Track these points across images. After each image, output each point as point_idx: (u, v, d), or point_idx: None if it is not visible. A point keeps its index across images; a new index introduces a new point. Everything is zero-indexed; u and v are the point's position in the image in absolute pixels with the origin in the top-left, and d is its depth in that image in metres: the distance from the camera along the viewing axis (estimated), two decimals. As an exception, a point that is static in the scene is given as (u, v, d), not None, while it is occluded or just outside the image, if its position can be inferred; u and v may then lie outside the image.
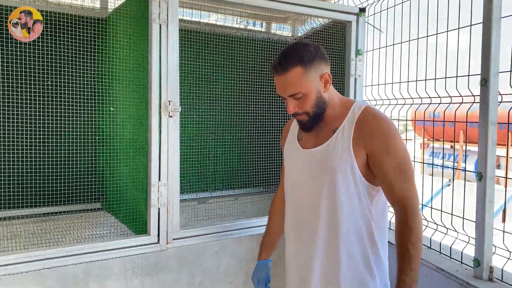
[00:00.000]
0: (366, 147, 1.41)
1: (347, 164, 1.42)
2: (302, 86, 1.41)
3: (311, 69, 1.41)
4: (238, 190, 2.80)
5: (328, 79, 1.46)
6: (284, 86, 1.43)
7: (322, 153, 1.47)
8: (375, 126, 1.41)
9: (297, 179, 1.57)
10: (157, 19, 1.84)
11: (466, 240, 1.97)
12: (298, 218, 1.56)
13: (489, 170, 1.74)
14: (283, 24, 3.11)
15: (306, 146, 1.55)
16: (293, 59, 1.40)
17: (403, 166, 1.39)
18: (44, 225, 2.09)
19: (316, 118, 1.49)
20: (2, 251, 1.70)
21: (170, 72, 1.88)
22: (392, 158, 1.38)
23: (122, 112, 2.15)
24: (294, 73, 1.40)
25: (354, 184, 1.43)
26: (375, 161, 1.41)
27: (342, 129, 1.45)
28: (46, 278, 2.33)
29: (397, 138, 1.41)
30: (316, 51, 1.44)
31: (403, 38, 2.27)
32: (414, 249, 1.33)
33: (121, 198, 2.16)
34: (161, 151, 1.89)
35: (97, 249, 1.77)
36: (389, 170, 1.38)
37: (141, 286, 2.62)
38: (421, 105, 2.24)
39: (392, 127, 1.42)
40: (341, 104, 1.52)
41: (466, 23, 1.90)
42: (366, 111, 1.45)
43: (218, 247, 2.84)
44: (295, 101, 1.45)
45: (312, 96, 1.43)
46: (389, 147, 1.39)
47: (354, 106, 1.49)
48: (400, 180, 1.38)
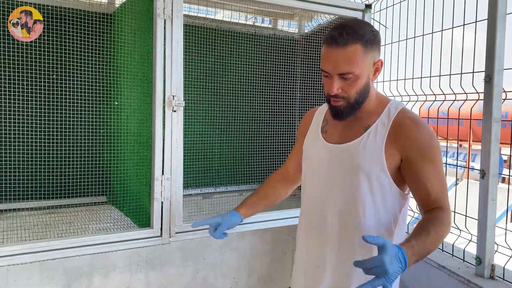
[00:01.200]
0: (402, 152, 1.30)
1: (376, 168, 1.31)
2: (358, 67, 1.27)
3: (370, 51, 1.29)
4: (243, 185, 2.81)
5: (379, 67, 1.35)
6: (337, 61, 1.27)
7: (349, 151, 1.35)
8: (414, 130, 1.30)
9: (316, 174, 1.46)
10: (161, 14, 1.85)
11: (469, 238, 1.96)
12: (314, 215, 1.45)
13: (492, 168, 1.74)
14: (290, 21, 3.11)
15: (330, 140, 1.43)
16: (355, 34, 1.26)
17: (440, 175, 1.30)
18: (49, 218, 2.12)
19: (354, 107, 1.35)
20: (8, 241, 1.73)
21: (174, 67, 1.89)
22: (430, 165, 1.28)
23: (127, 106, 2.17)
24: (354, 50, 1.26)
25: (381, 190, 1.33)
26: (410, 167, 1.30)
27: (375, 128, 1.34)
28: (52, 270, 2.38)
29: (436, 146, 1.31)
30: (376, 34, 1.32)
31: (408, 34, 2.26)
32: (436, 234, 1.21)
33: (125, 192, 2.19)
34: (164, 146, 1.90)
35: (100, 241, 1.79)
36: (426, 178, 1.28)
37: (146, 279, 2.65)
38: (425, 102, 2.23)
39: (432, 133, 1.32)
40: (377, 99, 1.40)
41: (472, 20, 1.89)
42: (404, 113, 1.34)
43: (222, 242, 2.86)
44: (341, 82, 1.30)
45: (361, 81, 1.30)
46: (428, 154, 1.28)
47: (390, 105, 1.37)
48: (436, 189, 1.28)
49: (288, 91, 2.70)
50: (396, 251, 1.11)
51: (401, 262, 1.11)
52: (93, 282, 2.49)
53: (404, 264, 1.12)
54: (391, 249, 1.10)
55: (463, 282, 1.80)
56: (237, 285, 2.99)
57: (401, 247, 1.13)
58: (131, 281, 2.61)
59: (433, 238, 1.21)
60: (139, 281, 2.63)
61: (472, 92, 1.91)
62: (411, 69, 2.25)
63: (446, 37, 2.05)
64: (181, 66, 1.91)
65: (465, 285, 1.78)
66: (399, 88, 2.37)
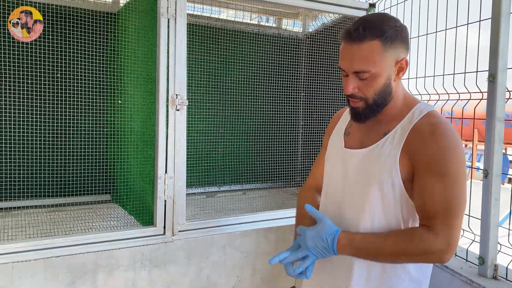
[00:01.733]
0: (412, 160, 1.18)
1: (388, 177, 1.20)
2: (374, 65, 1.17)
3: (391, 48, 1.17)
4: (246, 185, 2.81)
5: (404, 67, 1.22)
6: (352, 58, 1.18)
7: (362, 158, 1.27)
8: (428, 135, 1.16)
9: (333, 179, 1.38)
10: (165, 13, 1.86)
11: (472, 238, 1.96)
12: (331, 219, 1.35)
13: (495, 168, 1.73)
14: (294, 20, 3.11)
15: (350, 143, 1.35)
16: (374, 30, 1.16)
17: (449, 195, 1.13)
18: (54, 216, 2.14)
19: (374, 110, 1.24)
20: (13, 239, 1.74)
21: (177, 66, 1.90)
22: (438, 181, 1.14)
23: (131, 105, 2.18)
24: (371, 47, 1.16)
25: (393, 202, 1.21)
26: (416, 178, 1.18)
27: (394, 133, 1.23)
28: (56, 268, 2.39)
29: (452, 157, 1.14)
30: (401, 30, 1.20)
31: (412, 34, 2.26)
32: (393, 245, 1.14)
33: (129, 190, 2.20)
34: (168, 144, 1.91)
35: (103, 239, 1.81)
36: (429, 191, 1.15)
37: (149, 277, 2.66)
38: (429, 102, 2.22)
39: (452, 142, 1.15)
40: (404, 102, 1.27)
41: (476, 19, 1.88)
42: (428, 117, 1.20)
43: (226, 241, 2.87)
44: (357, 81, 1.21)
45: (380, 81, 1.19)
46: (438, 166, 1.14)
47: (415, 109, 1.24)
48: (440, 213, 1.14)
49: (292, 90, 2.70)
50: (329, 232, 1.14)
51: (327, 244, 1.13)
52: (97, 279, 2.50)
53: (331, 248, 1.14)
54: (322, 227, 1.14)
55: (466, 282, 1.79)
56: (241, 284, 3.00)
57: (339, 232, 1.16)
58: (135, 279, 2.62)
59: (387, 246, 1.15)
60: (143, 279, 2.64)
61: (476, 91, 1.91)
62: (414, 68, 2.25)
63: (449, 36, 2.04)
64: (184, 65, 1.92)
65: (468, 285, 1.78)
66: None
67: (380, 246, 1.15)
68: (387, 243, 1.14)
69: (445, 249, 1.13)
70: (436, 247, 1.12)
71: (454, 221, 1.14)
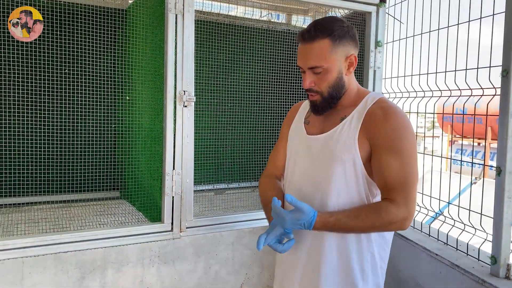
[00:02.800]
0: (370, 140, 1.32)
1: (349, 156, 1.33)
2: (326, 60, 1.31)
3: (339, 46, 1.32)
4: (255, 182, 2.80)
5: (354, 62, 1.37)
6: (306, 56, 1.33)
7: (324, 141, 1.39)
8: (382, 118, 1.31)
9: (296, 164, 1.48)
10: (173, 9, 1.85)
11: (484, 237, 1.92)
12: None
13: (509, 165, 1.69)
14: (304, 16, 3.09)
15: (310, 131, 1.47)
16: (323, 30, 1.31)
17: (404, 170, 1.28)
18: (64, 212, 2.15)
19: (330, 101, 1.38)
20: (23, 234, 1.76)
21: (185, 62, 1.90)
22: (393, 158, 1.28)
23: (140, 101, 2.18)
24: (321, 45, 1.31)
25: (355, 179, 1.34)
26: (375, 157, 1.32)
27: (351, 118, 1.36)
28: (66, 263, 2.41)
29: (405, 136, 1.30)
30: (348, 29, 1.35)
31: (423, 29, 2.22)
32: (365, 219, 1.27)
33: (137, 187, 2.21)
34: (175, 141, 1.91)
35: (111, 235, 1.82)
36: (387, 171, 1.28)
37: (158, 274, 2.67)
38: (440, 98, 2.18)
39: (402, 122, 1.31)
40: (357, 93, 1.43)
41: (489, 13, 1.84)
42: (379, 103, 1.36)
43: (234, 238, 2.86)
44: (313, 76, 1.35)
45: (332, 75, 1.34)
46: (393, 146, 1.29)
47: (368, 97, 1.40)
48: (397, 186, 1.28)
49: (301, 86, 2.68)
50: (306, 219, 1.25)
51: (304, 226, 1.27)
52: (106, 275, 2.51)
53: (307, 228, 1.27)
54: (301, 214, 1.26)
55: (477, 281, 1.76)
56: (249, 281, 2.99)
57: (316, 215, 1.26)
58: (143, 275, 2.62)
59: (357, 224, 1.27)
60: (151, 276, 2.65)
61: (489, 87, 1.86)
62: (425, 64, 2.21)
63: (462, 31, 2.00)
64: (192, 61, 1.91)
65: (480, 285, 1.74)
66: (413, 83, 2.33)
67: (351, 225, 1.28)
68: (357, 221, 1.28)
69: (406, 217, 1.28)
70: (399, 217, 1.27)
71: (411, 192, 1.29)
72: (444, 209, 2.22)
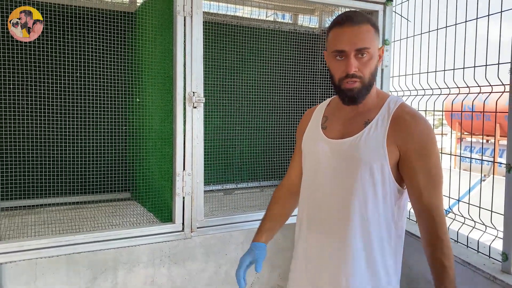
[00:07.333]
0: (400, 147, 1.32)
1: (378, 161, 1.32)
2: (372, 44, 1.32)
3: (377, 35, 1.36)
4: (264, 181, 2.81)
5: (381, 55, 1.40)
6: (354, 38, 1.30)
7: (351, 146, 1.36)
8: (413, 125, 1.32)
9: (318, 170, 1.45)
10: (181, 11, 1.87)
11: (495, 234, 1.92)
12: (318, 210, 1.44)
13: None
14: (310, 16, 3.09)
15: (331, 136, 1.44)
16: (366, 17, 1.34)
17: (434, 172, 1.31)
18: (75, 213, 2.18)
19: (368, 89, 1.36)
20: (35, 236, 1.78)
21: (194, 63, 1.91)
22: (425, 162, 1.30)
23: (150, 103, 2.20)
24: (368, 28, 1.32)
25: (382, 184, 1.34)
26: (406, 162, 1.32)
27: (376, 123, 1.35)
28: (78, 264, 2.44)
29: (433, 142, 1.33)
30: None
31: (431, 27, 2.22)
32: (448, 260, 1.28)
33: (148, 188, 2.22)
34: (185, 141, 1.92)
35: (123, 235, 1.83)
36: (420, 175, 1.30)
37: (169, 274, 2.69)
38: (449, 96, 2.18)
39: (430, 129, 1.34)
40: (377, 94, 1.42)
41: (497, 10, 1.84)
42: (403, 108, 1.37)
43: (243, 238, 2.88)
44: (357, 61, 1.32)
45: (373, 62, 1.34)
46: (424, 150, 1.31)
47: (389, 100, 1.39)
48: (429, 187, 1.31)
49: (309, 86, 2.69)
50: None
51: None
52: (118, 276, 2.54)
53: None
54: None
55: (488, 278, 1.76)
56: (259, 280, 3.00)
57: None
58: (154, 276, 2.65)
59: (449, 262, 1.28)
60: (162, 276, 2.67)
61: (497, 84, 1.86)
62: (433, 62, 2.21)
63: (470, 28, 2.00)
64: (201, 62, 1.93)
65: (491, 281, 1.74)
66: (422, 81, 2.33)
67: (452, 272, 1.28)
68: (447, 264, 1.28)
69: (444, 222, 1.32)
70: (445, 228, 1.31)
71: (441, 196, 1.33)
72: (453, 207, 2.21)
